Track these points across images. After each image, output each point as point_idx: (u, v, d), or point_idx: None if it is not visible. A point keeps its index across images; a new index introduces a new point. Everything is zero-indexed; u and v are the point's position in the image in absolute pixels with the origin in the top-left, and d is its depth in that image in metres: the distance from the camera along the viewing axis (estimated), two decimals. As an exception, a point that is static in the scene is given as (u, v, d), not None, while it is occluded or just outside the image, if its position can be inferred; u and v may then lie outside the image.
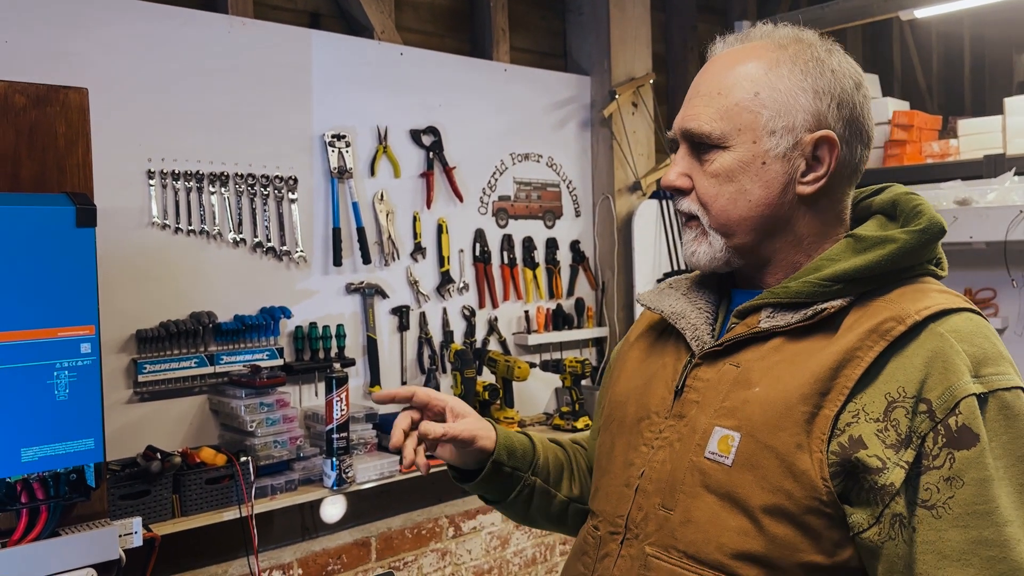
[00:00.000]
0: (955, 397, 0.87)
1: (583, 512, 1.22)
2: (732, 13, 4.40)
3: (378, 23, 2.95)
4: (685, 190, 1.04)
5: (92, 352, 1.69)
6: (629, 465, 1.05)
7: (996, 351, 0.91)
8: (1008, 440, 0.87)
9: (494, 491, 1.20)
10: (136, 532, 1.89)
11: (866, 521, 0.88)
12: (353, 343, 2.81)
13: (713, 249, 1.02)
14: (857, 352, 0.91)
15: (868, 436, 0.88)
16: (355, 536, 2.68)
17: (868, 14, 3.54)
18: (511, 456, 1.18)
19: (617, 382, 1.17)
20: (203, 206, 2.50)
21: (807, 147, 0.98)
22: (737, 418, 0.95)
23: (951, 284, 3.36)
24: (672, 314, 1.08)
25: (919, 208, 0.99)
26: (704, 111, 1.00)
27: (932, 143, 3.56)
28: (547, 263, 3.40)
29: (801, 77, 0.98)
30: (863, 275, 0.95)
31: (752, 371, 0.97)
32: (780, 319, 0.97)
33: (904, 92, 5.49)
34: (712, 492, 0.95)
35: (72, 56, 2.26)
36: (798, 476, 0.89)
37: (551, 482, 1.22)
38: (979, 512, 0.85)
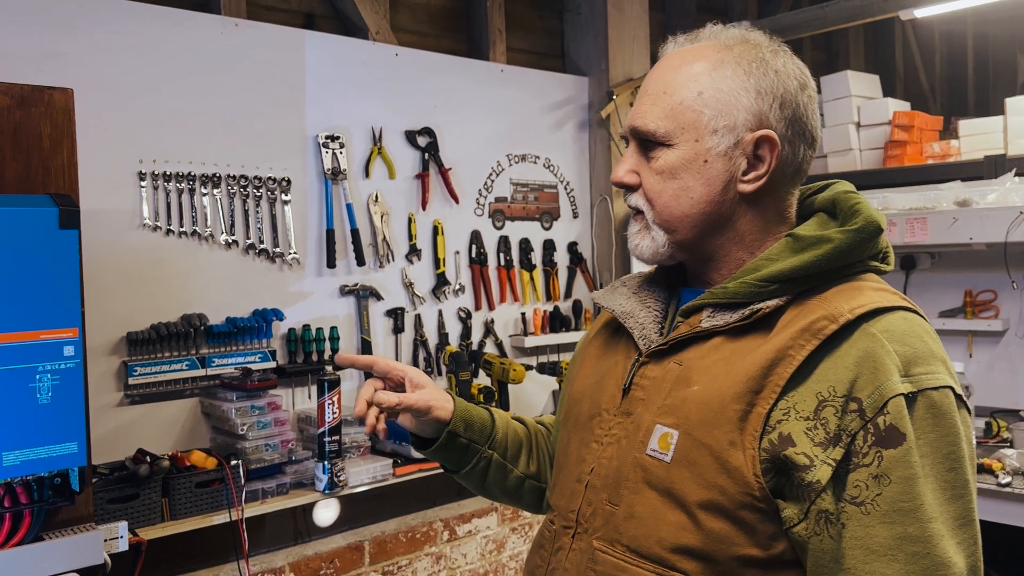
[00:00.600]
0: (884, 397, 0.89)
1: (538, 489, 1.29)
2: (732, 13, 4.38)
3: (373, 24, 2.93)
4: (633, 186, 1.06)
5: (75, 355, 1.68)
6: (581, 461, 1.09)
7: (928, 350, 0.93)
8: (935, 438, 0.90)
9: (451, 460, 1.25)
10: (122, 536, 1.87)
11: (796, 516, 0.91)
12: (347, 345, 2.80)
13: (656, 243, 1.05)
14: (789, 351, 0.93)
15: (797, 434, 0.90)
16: (348, 540, 2.66)
17: (868, 14, 3.51)
18: (468, 428, 1.23)
19: (576, 379, 1.20)
20: (195, 208, 2.48)
21: (748, 146, 1.00)
22: (676, 416, 0.98)
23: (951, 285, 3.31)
24: (622, 313, 1.11)
25: (856, 207, 1.00)
26: (651, 110, 1.03)
27: (933, 144, 3.53)
28: (544, 265, 3.38)
29: (744, 77, 1.00)
30: (799, 275, 0.97)
31: (693, 370, 0.99)
32: (719, 319, 1.00)
33: (907, 92, 5.46)
34: (653, 488, 0.98)
35: (63, 57, 2.25)
36: (731, 472, 0.92)
37: (508, 457, 1.27)
38: (904, 509, 0.88)
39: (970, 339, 3.18)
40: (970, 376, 3.01)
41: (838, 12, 3.64)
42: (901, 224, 3.02)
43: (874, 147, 3.64)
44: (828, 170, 3.72)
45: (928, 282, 3.31)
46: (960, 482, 0.90)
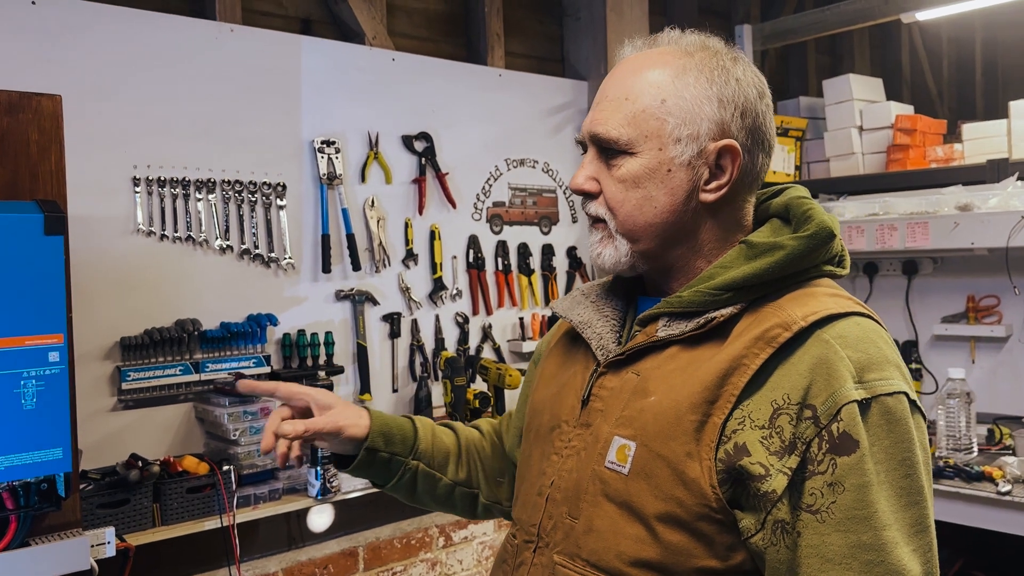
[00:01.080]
0: (837, 404, 0.88)
1: (470, 496, 1.27)
2: (735, 16, 4.36)
3: (370, 29, 2.93)
4: (593, 194, 1.04)
5: (61, 361, 1.68)
6: (542, 474, 1.07)
7: (881, 356, 0.92)
8: (889, 444, 0.89)
9: (376, 476, 1.23)
10: (109, 542, 1.87)
11: (753, 526, 0.90)
12: (343, 351, 2.79)
13: (619, 253, 1.03)
14: (744, 360, 0.92)
15: (752, 443, 0.90)
16: (342, 546, 2.65)
17: (870, 17, 3.48)
18: (388, 442, 1.20)
19: (536, 390, 1.18)
20: (189, 213, 2.49)
21: (711, 156, 1.00)
22: (634, 427, 0.97)
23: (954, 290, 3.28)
24: (580, 323, 1.10)
25: (808, 213, 1.00)
26: (612, 116, 1.01)
27: (936, 147, 3.50)
28: (543, 269, 3.37)
29: (707, 85, 0.99)
30: (752, 283, 0.96)
31: (649, 380, 0.98)
32: (675, 328, 0.99)
33: (913, 96, 5.42)
34: (611, 501, 0.97)
35: (57, 63, 2.26)
36: (688, 484, 0.91)
37: (435, 466, 1.25)
38: (858, 517, 0.87)
39: (972, 345, 3.15)
40: (972, 382, 2.98)
41: (840, 15, 3.62)
42: (902, 228, 2.99)
43: (877, 151, 3.61)
44: (830, 174, 3.70)
45: (930, 287, 3.27)
46: (915, 488, 0.90)
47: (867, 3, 3.48)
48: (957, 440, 2.73)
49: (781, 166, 3.79)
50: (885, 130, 3.58)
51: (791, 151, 3.83)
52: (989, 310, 3.12)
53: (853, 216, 3.19)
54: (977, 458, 2.69)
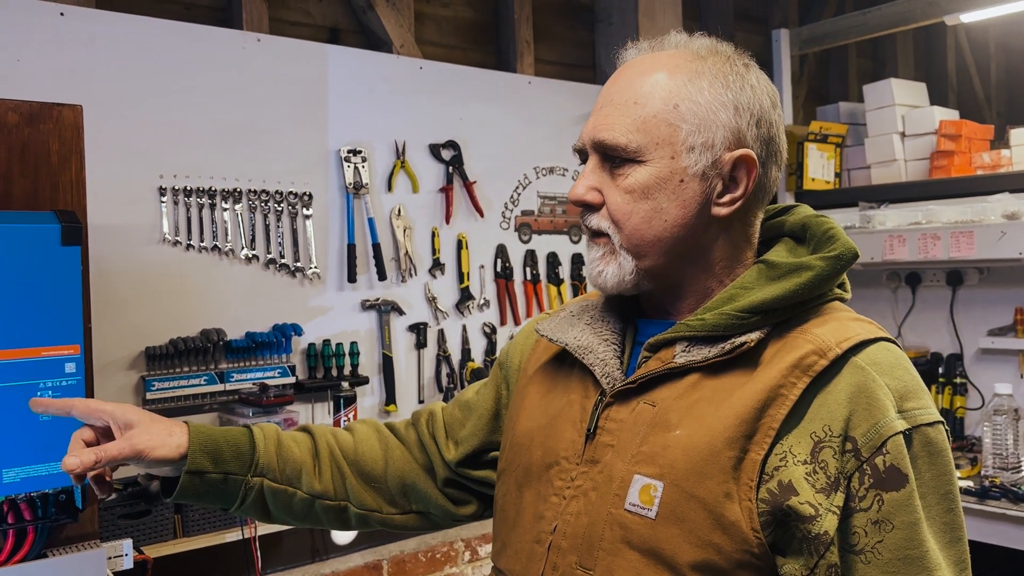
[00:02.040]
0: (882, 436, 0.83)
1: (333, 509, 1.13)
2: (772, 21, 4.27)
3: (397, 38, 2.91)
4: (595, 205, 0.96)
5: (77, 372, 1.67)
6: (539, 519, 0.96)
7: (916, 383, 0.88)
8: (931, 478, 0.84)
9: (212, 500, 1.07)
10: (126, 554, 1.86)
11: (800, 573, 0.84)
12: (368, 361, 2.77)
13: (623, 271, 0.95)
14: (781, 390, 0.86)
15: (798, 480, 0.83)
16: (366, 559, 2.62)
17: (912, 20, 3.38)
18: (217, 461, 1.05)
19: (517, 421, 1.06)
20: (215, 222, 2.48)
21: (726, 166, 0.93)
22: (659, 465, 0.88)
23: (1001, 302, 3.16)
24: (578, 348, 0.99)
25: (831, 233, 0.94)
26: (619, 121, 0.94)
27: (983, 153, 3.37)
28: (572, 279, 3.32)
29: (722, 91, 0.93)
30: (780, 305, 0.90)
31: (671, 411, 0.89)
32: (696, 354, 0.91)
33: (959, 102, 5.26)
34: (635, 549, 0.87)
35: (85, 73, 2.27)
36: (727, 528, 0.83)
37: (284, 480, 1.10)
38: (910, 558, 0.82)
39: (1021, 359, 3.02)
40: (1020, 398, 2.85)
41: (881, 18, 3.52)
42: (946, 238, 2.89)
43: (920, 157, 3.50)
44: (871, 181, 3.59)
45: (976, 299, 3.15)
46: (957, 524, 0.85)
47: (909, 5, 3.38)
48: (1004, 459, 2.61)
49: (820, 173, 3.69)
50: (929, 136, 3.46)
51: (830, 158, 3.73)
52: (1038, 323, 2.99)
53: (895, 225, 3.09)
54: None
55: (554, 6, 3.47)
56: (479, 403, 1.19)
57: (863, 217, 3.20)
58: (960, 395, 3.11)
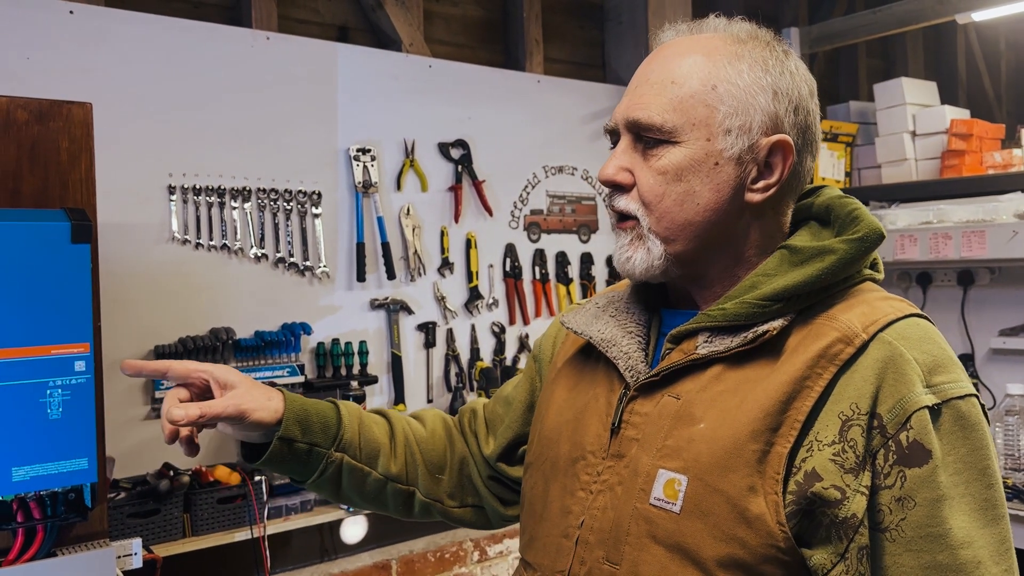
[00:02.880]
0: (906, 411, 0.82)
1: (404, 493, 1.14)
2: (783, 20, 4.25)
3: (407, 36, 2.90)
4: (626, 186, 0.94)
5: (87, 370, 1.66)
6: (567, 513, 0.95)
7: (947, 356, 0.86)
8: (966, 453, 0.82)
9: (292, 470, 1.07)
10: (136, 553, 1.85)
11: (829, 561, 0.82)
12: (377, 360, 2.76)
13: (651, 256, 0.93)
14: (807, 381, 0.84)
15: (822, 465, 0.82)
16: (375, 559, 2.62)
17: (923, 18, 3.36)
18: (306, 431, 1.05)
19: (546, 416, 1.05)
20: (225, 221, 2.48)
21: (761, 151, 0.91)
22: (683, 459, 0.87)
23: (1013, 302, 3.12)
24: (602, 341, 0.98)
25: (855, 214, 0.92)
26: (655, 100, 0.91)
27: (994, 153, 3.35)
28: (581, 279, 3.31)
29: (761, 74, 0.91)
30: (803, 291, 0.88)
31: (694, 404, 0.88)
32: (719, 344, 0.89)
33: (970, 100, 5.23)
34: (660, 543, 0.86)
35: (94, 71, 2.27)
36: (752, 522, 0.82)
37: (363, 459, 1.11)
38: (932, 535, 0.80)
39: (1034, 360, 3.00)
40: (1033, 399, 2.83)
41: (892, 16, 3.50)
42: (957, 237, 2.87)
43: (930, 157, 3.48)
44: (882, 181, 3.57)
45: (988, 299, 3.13)
46: (998, 501, 0.82)
47: (920, 4, 3.36)
48: (1016, 460, 2.59)
49: (831, 172, 3.67)
50: (939, 135, 3.44)
51: (841, 157, 3.71)
52: (1051, 323, 2.97)
53: (906, 224, 3.07)
54: (1036, 478, 2.55)
55: (563, 5, 3.46)
56: (515, 396, 1.19)
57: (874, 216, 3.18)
58: (972, 396, 3.09)
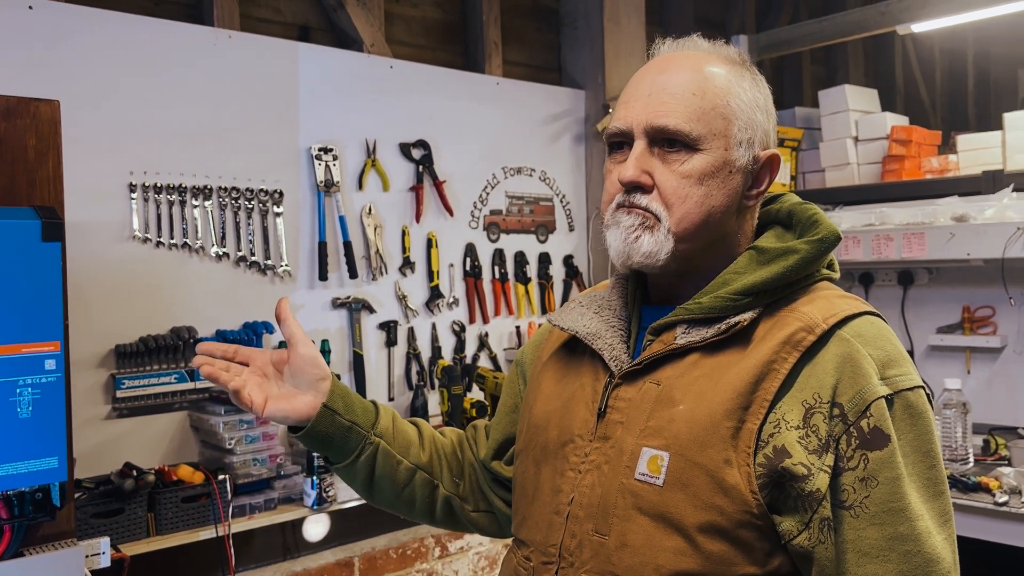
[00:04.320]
0: (866, 400, 0.91)
1: (431, 484, 1.21)
2: (730, 27, 4.37)
3: (368, 36, 2.92)
4: (647, 187, 1.00)
5: (57, 369, 1.66)
6: (557, 492, 1.03)
7: (898, 352, 0.96)
8: (914, 437, 0.92)
9: (333, 448, 1.14)
10: (104, 552, 1.85)
11: (795, 528, 0.91)
12: (339, 359, 2.78)
13: (659, 245, 0.99)
14: (773, 364, 0.93)
15: (791, 444, 0.91)
16: (338, 556, 2.63)
17: (865, 28, 3.50)
18: (348, 409, 1.14)
19: (534, 406, 1.14)
20: (186, 220, 2.47)
21: (759, 163, 1.02)
22: (665, 437, 0.95)
23: (949, 301, 3.27)
24: (588, 334, 1.07)
25: (815, 218, 1.02)
26: (679, 109, 0.98)
27: (931, 158, 3.51)
28: (540, 278, 3.36)
29: (756, 93, 1.02)
30: (770, 287, 0.98)
31: (674, 389, 0.97)
32: (695, 335, 0.98)
33: (907, 107, 5.44)
34: (645, 514, 0.94)
35: (52, 67, 2.24)
36: (728, 491, 0.91)
37: (396, 447, 1.19)
38: (894, 509, 0.89)
39: (968, 355, 3.16)
40: (968, 393, 2.98)
41: (836, 26, 3.64)
42: (898, 239, 3.00)
43: (872, 161, 3.62)
44: (826, 184, 3.70)
45: (926, 298, 3.28)
46: (940, 479, 0.93)
47: (863, 15, 3.50)
48: (954, 451, 2.72)
49: (777, 176, 3.79)
50: (880, 140, 3.59)
51: (787, 161, 3.84)
52: (984, 321, 3.13)
53: (849, 226, 3.19)
54: (973, 469, 2.69)
55: (521, 9, 3.52)
56: (502, 400, 1.28)
57: (819, 219, 3.30)
58: (911, 390, 3.23)
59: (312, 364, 1.12)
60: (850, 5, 4.85)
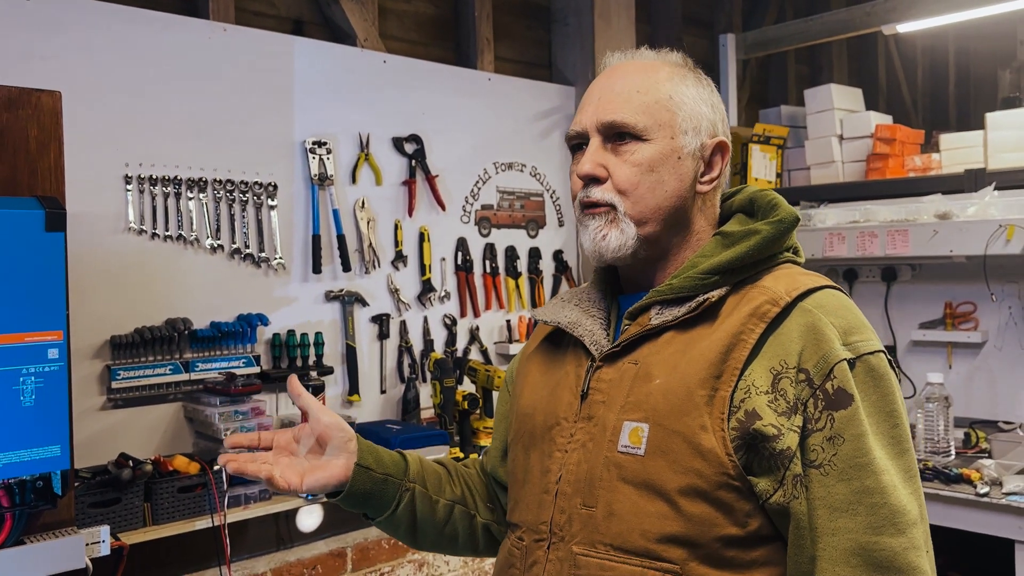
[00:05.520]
0: (829, 363, 0.97)
1: (468, 516, 1.25)
2: (717, 26, 4.42)
3: (361, 31, 2.94)
4: (602, 179, 1.09)
5: (60, 358, 1.67)
6: (545, 473, 1.09)
7: (859, 320, 1.02)
8: (877, 399, 0.98)
9: (372, 502, 1.16)
10: (104, 541, 1.86)
11: (771, 487, 0.97)
12: (332, 351, 2.80)
13: (624, 236, 1.08)
14: (741, 335, 1.00)
15: (761, 407, 0.97)
16: (331, 546, 2.65)
17: (851, 28, 3.56)
18: (380, 463, 1.16)
19: (521, 396, 1.20)
20: (181, 212, 2.48)
21: (708, 150, 1.11)
22: (643, 410, 1.01)
23: (932, 297, 3.34)
24: (569, 324, 1.14)
25: (774, 202, 1.11)
26: (625, 105, 1.08)
27: (915, 157, 3.57)
28: (530, 272, 3.40)
29: (700, 90, 1.12)
30: (735, 265, 1.05)
31: (651, 365, 1.04)
32: (668, 314, 1.05)
33: (889, 106, 5.52)
34: (629, 483, 1.00)
35: (50, 59, 2.25)
36: (706, 455, 0.96)
37: (431, 488, 1.21)
38: (859, 464, 0.95)
39: (950, 350, 3.22)
40: (949, 387, 3.04)
41: (822, 26, 3.69)
42: (883, 236, 3.06)
43: (856, 160, 3.68)
44: (811, 182, 3.75)
45: (909, 294, 3.34)
46: (903, 437, 0.98)
47: (849, 14, 3.55)
48: (935, 443, 2.79)
49: (763, 173, 3.84)
50: (865, 139, 3.64)
51: (772, 159, 3.89)
52: (966, 316, 3.19)
53: (834, 223, 3.24)
54: (955, 461, 2.75)
55: (512, 5, 3.54)
56: (497, 410, 1.34)
57: (804, 216, 3.35)
58: (894, 384, 3.29)
59: (339, 429, 1.13)
60: (835, 5, 4.92)
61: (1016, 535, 2.42)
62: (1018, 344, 3.08)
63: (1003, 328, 3.11)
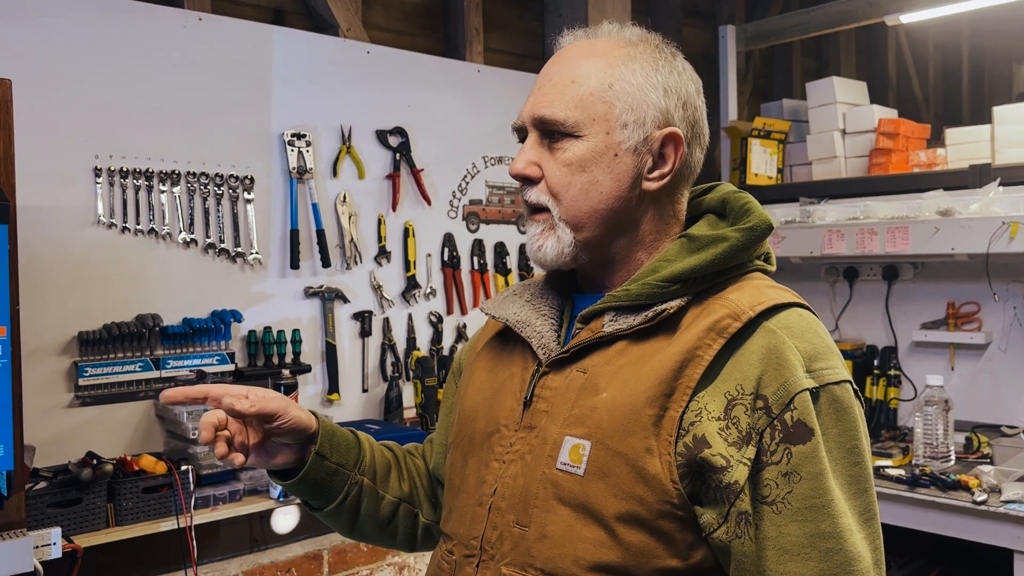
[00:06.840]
0: (790, 393, 0.88)
1: (412, 514, 1.18)
2: (719, 17, 4.31)
3: (344, 21, 2.87)
4: (534, 179, 1.01)
5: (3, 355, 1.62)
6: (481, 483, 1.01)
7: (825, 346, 0.93)
8: (839, 433, 0.90)
9: (317, 493, 1.10)
10: (55, 543, 1.81)
11: (715, 521, 0.89)
12: (311, 349, 2.73)
13: (561, 243, 0.99)
14: (697, 351, 0.91)
15: (711, 435, 0.88)
16: (307, 549, 2.59)
17: (854, 19, 3.45)
18: (334, 450, 1.10)
19: (465, 395, 1.11)
20: (152, 205, 2.42)
21: (655, 143, 1.00)
22: (587, 426, 0.93)
23: (934, 296, 3.24)
24: (517, 322, 1.04)
25: (748, 206, 1.00)
26: (558, 98, 0.99)
27: (919, 152, 3.46)
28: (520, 269, 3.32)
29: (652, 73, 0.99)
30: (698, 274, 0.95)
31: (599, 376, 0.95)
32: (622, 322, 0.96)
33: (899, 102, 5.39)
34: (566, 504, 0.92)
35: (14, 46, 2.19)
36: (649, 480, 0.89)
37: (378, 482, 1.15)
38: (816, 506, 0.87)
39: (952, 352, 3.12)
40: (951, 390, 2.94)
41: (824, 17, 3.59)
42: (883, 233, 2.96)
43: (859, 155, 3.58)
44: (812, 177, 3.65)
45: (910, 293, 3.24)
46: (864, 476, 0.90)
47: (851, 5, 3.45)
48: (934, 448, 2.69)
49: (763, 168, 3.75)
50: (868, 134, 3.54)
51: (773, 154, 3.79)
52: (969, 317, 3.08)
53: (834, 220, 3.15)
54: (954, 466, 2.65)
55: (504, -5, 3.46)
56: (443, 405, 1.24)
57: (803, 212, 3.26)
58: (894, 386, 3.20)
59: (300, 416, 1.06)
60: (842, -3, 4.80)
61: (1015, 544, 2.32)
62: (1023, 346, 2.97)
63: (1007, 329, 3.00)
